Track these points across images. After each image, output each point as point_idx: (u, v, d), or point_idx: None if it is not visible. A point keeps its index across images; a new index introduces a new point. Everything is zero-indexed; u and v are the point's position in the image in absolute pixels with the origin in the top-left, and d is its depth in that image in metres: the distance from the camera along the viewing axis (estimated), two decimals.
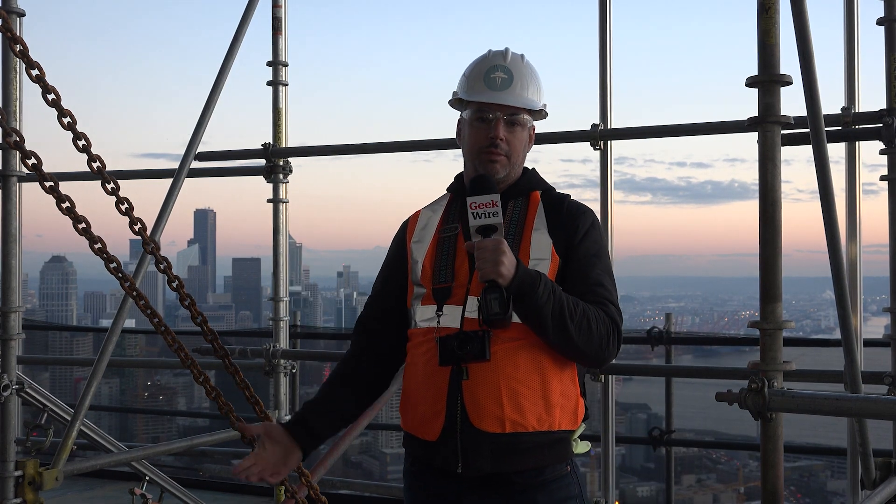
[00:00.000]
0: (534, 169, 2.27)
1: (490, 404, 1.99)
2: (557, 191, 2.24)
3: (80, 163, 1.77)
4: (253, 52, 4.81)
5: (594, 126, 3.74)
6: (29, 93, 3.03)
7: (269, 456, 2.07)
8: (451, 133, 2.34)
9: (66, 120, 1.31)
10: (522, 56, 2.22)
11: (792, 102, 2.24)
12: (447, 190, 2.29)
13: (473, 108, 2.17)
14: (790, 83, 2.08)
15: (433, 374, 2.06)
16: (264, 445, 2.07)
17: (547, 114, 2.26)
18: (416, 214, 2.28)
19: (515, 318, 1.98)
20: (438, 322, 2.07)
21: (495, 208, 1.97)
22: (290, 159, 4.32)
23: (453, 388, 2.03)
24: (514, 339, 2.01)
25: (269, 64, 4.31)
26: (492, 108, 2.14)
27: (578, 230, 2.11)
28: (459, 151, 2.28)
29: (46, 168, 1.26)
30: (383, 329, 2.24)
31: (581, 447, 2.12)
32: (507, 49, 2.23)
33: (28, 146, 1.26)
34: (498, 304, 1.92)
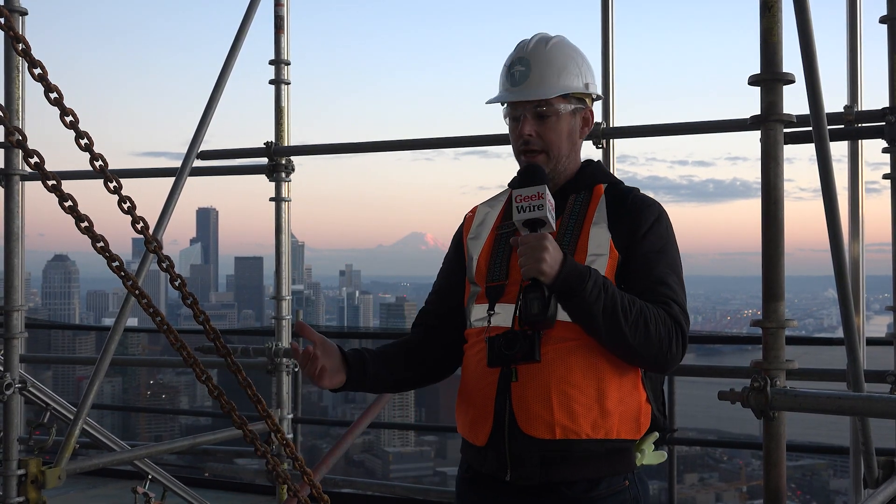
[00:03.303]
0: (598, 161, 2.17)
1: (539, 408, 1.90)
2: (626, 184, 2.11)
3: (82, 161, 1.77)
4: (255, 50, 4.80)
5: (596, 124, 3.74)
6: (31, 92, 3.04)
7: (325, 360, 1.95)
8: (450, 132, 2.32)
9: (69, 119, 1.31)
10: (548, 41, 2.07)
11: (794, 101, 2.24)
12: (508, 185, 2.15)
13: (504, 107, 2.09)
14: (793, 81, 2.07)
15: (483, 375, 1.98)
16: (317, 353, 1.94)
17: (595, 92, 2.11)
18: (474, 210, 2.20)
19: (567, 318, 1.88)
20: (489, 321, 1.99)
21: (540, 200, 1.84)
22: (292, 158, 4.32)
23: (502, 390, 1.95)
24: (566, 340, 1.91)
25: (271, 62, 4.31)
26: (517, 106, 2.04)
27: (642, 225, 1.97)
28: (461, 150, 2.26)
29: (49, 167, 1.26)
30: (442, 325, 2.17)
31: (650, 458, 1.99)
32: (533, 37, 2.10)
33: (30, 145, 1.26)
34: (538, 305, 1.81)
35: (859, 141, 3.17)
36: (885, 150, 3.02)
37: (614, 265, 1.94)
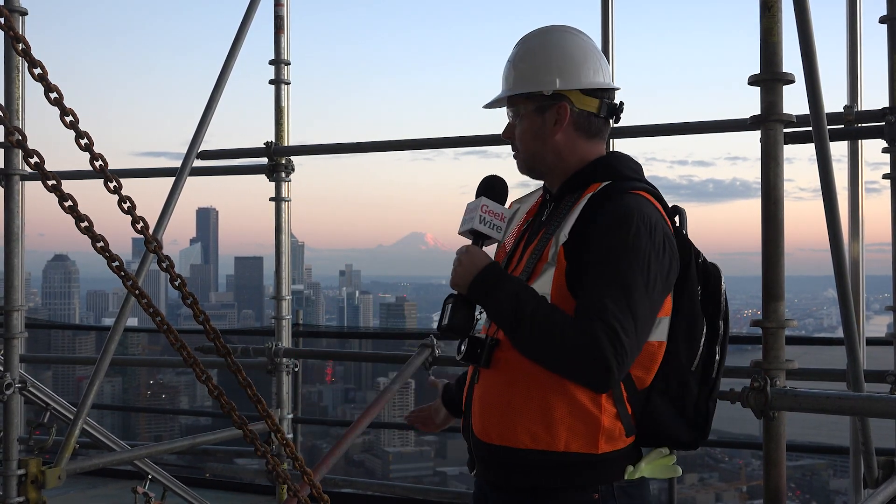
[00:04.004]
0: (619, 154, 2.06)
1: (484, 412, 1.95)
2: (628, 183, 1.95)
3: (82, 161, 1.77)
4: (255, 50, 4.80)
5: None
6: (31, 91, 3.04)
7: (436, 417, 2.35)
8: (450, 132, 2.31)
9: (69, 119, 1.31)
10: (529, 42, 2.05)
11: (794, 100, 2.24)
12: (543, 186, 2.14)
13: None
14: (793, 81, 2.07)
15: (470, 372, 2.09)
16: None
17: (564, 88, 1.98)
18: (510, 206, 2.16)
19: None
20: (485, 320, 2.05)
21: (502, 223, 1.95)
22: (292, 158, 4.32)
23: (470, 389, 2.04)
24: None
25: (271, 62, 4.31)
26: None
27: (594, 234, 1.85)
28: (460, 150, 2.26)
29: (49, 167, 1.26)
30: None
31: (653, 471, 1.94)
32: (527, 34, 2.09)
33: (30, 145, 1.26)
34: (448, 315, 1.92)
35: (859, 141, 3.17)
36: (884, 150, 3.02)
37: (561, 274, 1.86)
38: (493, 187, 2.01)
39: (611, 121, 2.06)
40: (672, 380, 1.90)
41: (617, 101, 2.07)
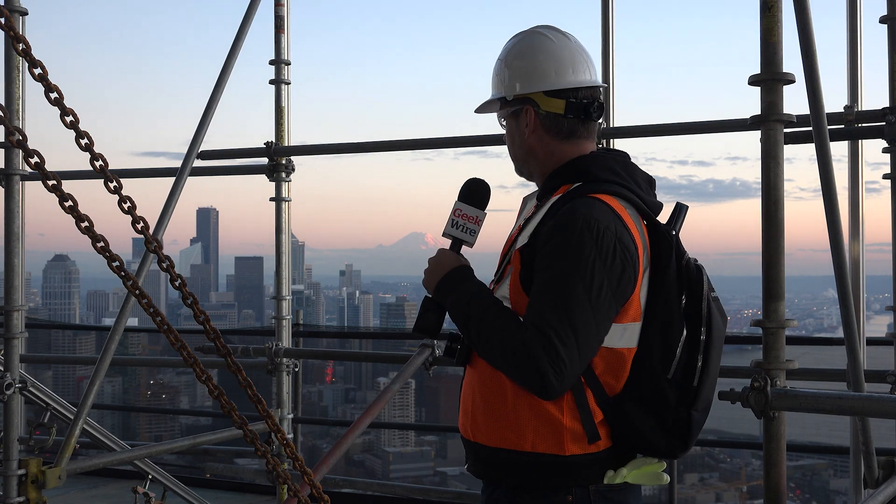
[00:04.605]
0: (597, 154, 2.00)
1: (463, 408, 2.00)
2: (591, 186, 1.91)
3: (82, 161, 1.77)
4: (255, 50, 4.81)
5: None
6: (32, 91, 3.04)
7: None
8: (450, 132, 2.32)
9: (69, 119, 1.31)
10: (512, 41, 2.05)
11: (794, 100, 2.24)
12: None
13: None
14: (793, 81, 2.08)
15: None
16: None
17: (505, 94, 2.01)
18: (523, 199, 2.15)
19: None
20: None
21: (475, 226, 2.00)
22: (292, 158, 4.32)
23: (461, 384, 2.06)
24: None
25: (271, 62, 4.31)
26: None
27: (542, 239, 1.84)
28: (460, 150, 2.26)
29: (49, 167, 1.26)
30: None
31: (635, 478, 1.90)
32: (516, 35, 2.07)
33: (31, 145, 1.26)
34: (418, 315, 2.00)
35: (859, 141, 3.17)
36: (885, 150, 3.03)
37: (516, 278, 1.87)
38: (471, 191, 2.04)
39: (594, 119, 2.01)
40: (645, 387, 1.85)
41: (595, 98, 2.00)
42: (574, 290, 1.76)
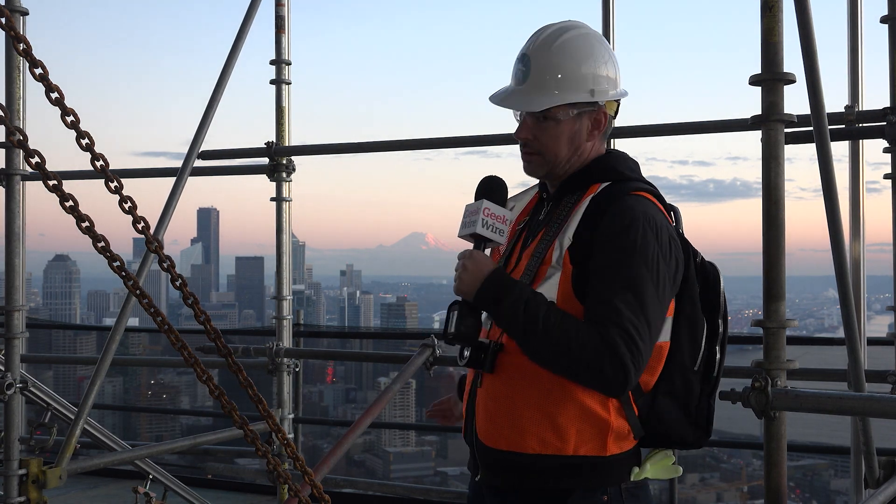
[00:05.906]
0: (612, 155, 2.02)
1: (490, 417, 1.92)
2: (630, 184, 1.93)
3: (83, 161, 1.77)
4: (256, 50, 4.81)
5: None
6: (32, 91, 3.04)
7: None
8: (450, 132, 2.29)
9: (70, 119, 1.31)
10: (558, 38, 1.96)
11: (795, 100, 2.24)
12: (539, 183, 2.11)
13: None
14: (794, 81, 2.07)
15: (470, 375, 2.04)
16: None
17: (605, 97, 1.97)
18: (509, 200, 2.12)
19: None
20: (488, 324, 1.98)
21: (504, 226, 1.91)
22: (293, 158, 4.32)
23: (472, 392, 1.99)
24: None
25: (272, 62, 4.31)
26: None
27: (602, 236, 1.82)
28: (460, 150, 2.23)
29: (50, 167, 1.26)
30: None
31: (656, 472, 1.93)
32: (545, 30, 1.99)
33: (31, 145, 1.26)
34: (454, 323, 1.87)
35: (860, 141, 3.17)
36: (885, 150, 3.03)
37: (567, 279, 1.84)
38: (493, 189, 1.96)
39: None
40: (676, 380, 1.90)
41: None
42: (646, 285, 1.79)
